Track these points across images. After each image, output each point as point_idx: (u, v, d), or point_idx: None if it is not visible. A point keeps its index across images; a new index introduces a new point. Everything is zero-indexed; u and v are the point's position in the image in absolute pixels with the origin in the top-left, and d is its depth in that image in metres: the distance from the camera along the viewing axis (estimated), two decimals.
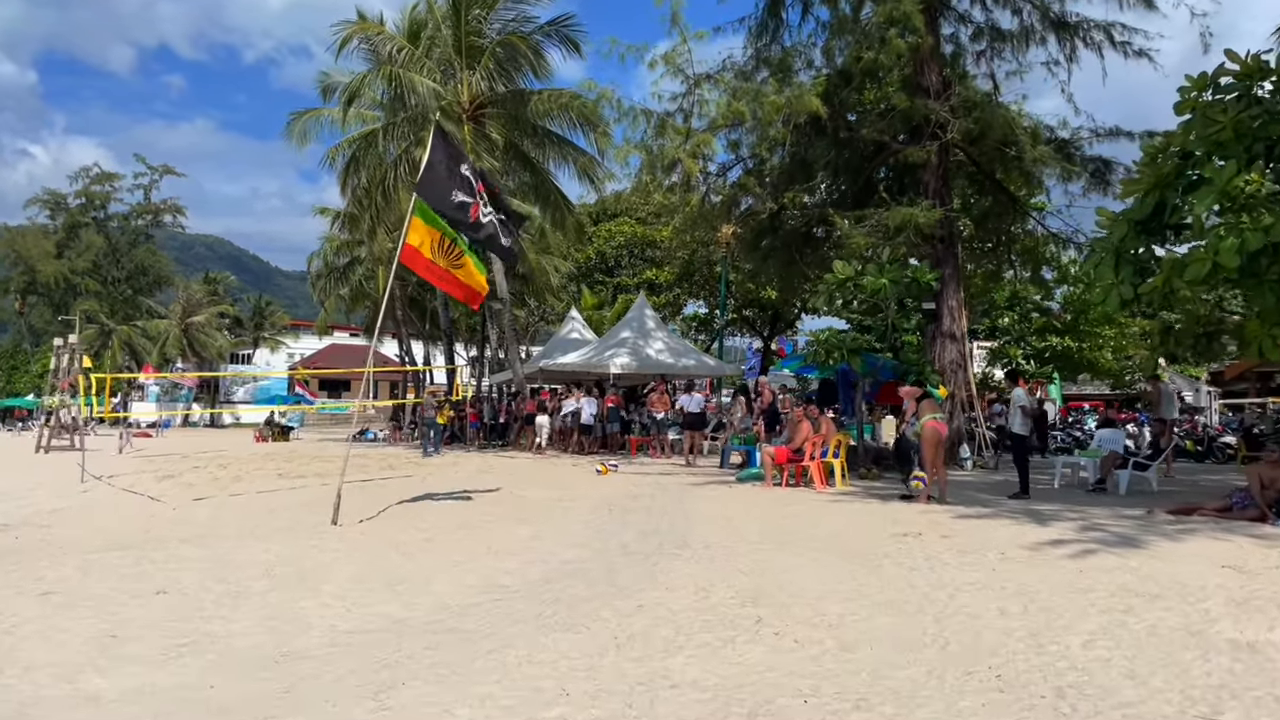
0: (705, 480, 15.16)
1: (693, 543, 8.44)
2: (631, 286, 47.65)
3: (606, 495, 12.63)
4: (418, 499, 12.57)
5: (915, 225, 18.45)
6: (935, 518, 10.24)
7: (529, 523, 9.78)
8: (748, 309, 41.63)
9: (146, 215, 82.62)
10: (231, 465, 21.94)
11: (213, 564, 7.87)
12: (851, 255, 19.57)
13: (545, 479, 15.68)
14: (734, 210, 20.22)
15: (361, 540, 8.89)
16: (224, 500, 14.05)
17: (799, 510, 10.77)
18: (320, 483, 16.23)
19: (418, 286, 41.03)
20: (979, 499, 12.49)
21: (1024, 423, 12.80)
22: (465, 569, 7.40)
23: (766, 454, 13.54)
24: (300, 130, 29.49)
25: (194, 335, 67.88)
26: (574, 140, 26.47)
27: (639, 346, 24.77)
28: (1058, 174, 21.36)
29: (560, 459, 21.47)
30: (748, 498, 12.25)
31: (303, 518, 10.95)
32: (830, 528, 9.35)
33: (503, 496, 12.70)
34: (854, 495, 12.85)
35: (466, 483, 15.10)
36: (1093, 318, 33.41)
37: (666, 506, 11.11)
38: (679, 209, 19.83)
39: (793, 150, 18.68)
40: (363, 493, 14.03)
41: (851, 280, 15.70)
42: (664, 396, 19.17)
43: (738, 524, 9.62)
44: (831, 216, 19.38)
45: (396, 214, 26.51)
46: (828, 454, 13.89)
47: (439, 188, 10.33)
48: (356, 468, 20.50)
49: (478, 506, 11.51)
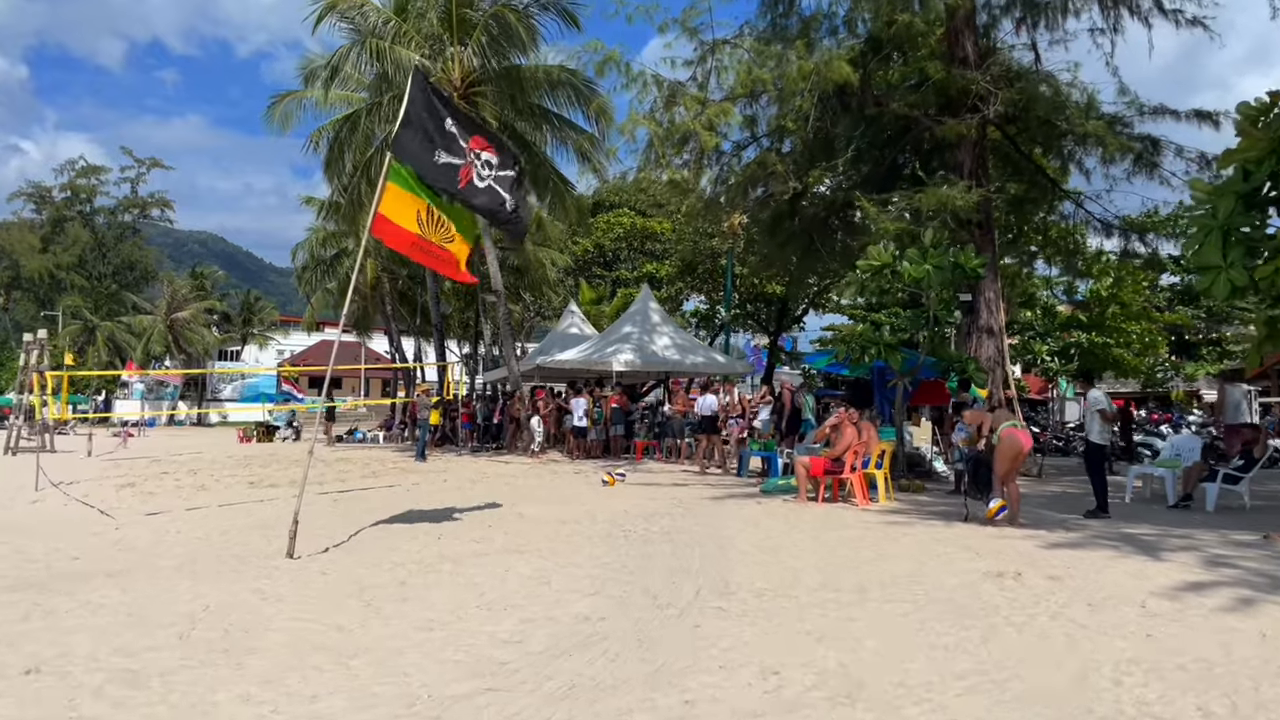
0: (726, 493, 13.39)
1: (738, 587, 6.65)
2: (631, 280, 45.80)
3: (618, 514, 10.83)
4: (398, 518, 10.76)
5: (952, 208, 16.73)
6: (1019, 546, 8.48)
7: (529, 556, 7.97)
8: (752, 304, 39.82)
9: (134, 209, 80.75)
10: (202, 471, 20.20)
11: (123, 617, 6.07)
12: (877, 242, 17.85)
13: (545, 491, 13.89)
14: (750, 193, 18.42)
15: (319, 582, 7.09)
16: (178, 516, 12.22)
17: (852, 537, 8.99)
18: (293, 493, 14.41)
19: (408, 280, 39.15)
20: (1049, 517, 10.74)
21: (1103, 430, 11.03)
22: (448, 632, 5.60)
23: (801, 465, 11.76)
24: (282, 114, 27.60)
25: (179, 331, 65.99)
26: (573, 119, 24.62)
27: (644, 342, 22.97)
28: (1099, 154, 19.65)
29: (561, 464, 19.67)
30: (784, 518, 10.46)
31: (257, 544, 9.14)
32: (902, 563, 7.57)
33: (498, 515, 10.90)
34: (904, 513, 11.08)
35: (456, 496, 13.30)
36: (1118, 313, 31.66)
37: (693, 531, 9.31)
38: (689, 191, 17.97)
39: (816, 125, 16.88)
40: (336, 508, 12.24)
41: (888, 267, 13.92)
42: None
43: (786, 558, 7.83)
44: (857, 200, 17.61)
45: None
46: (869, 464, 12.13)
47: (418, 146, 8.52)
48: (336, 474, 18.72)
49: (468, 530, 9.71)
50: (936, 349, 14.74)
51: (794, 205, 19.66)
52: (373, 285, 38.40)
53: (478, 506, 11.74)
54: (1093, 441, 11.04)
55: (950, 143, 18.48)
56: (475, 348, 45.60)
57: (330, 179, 26.87)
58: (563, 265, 43.20)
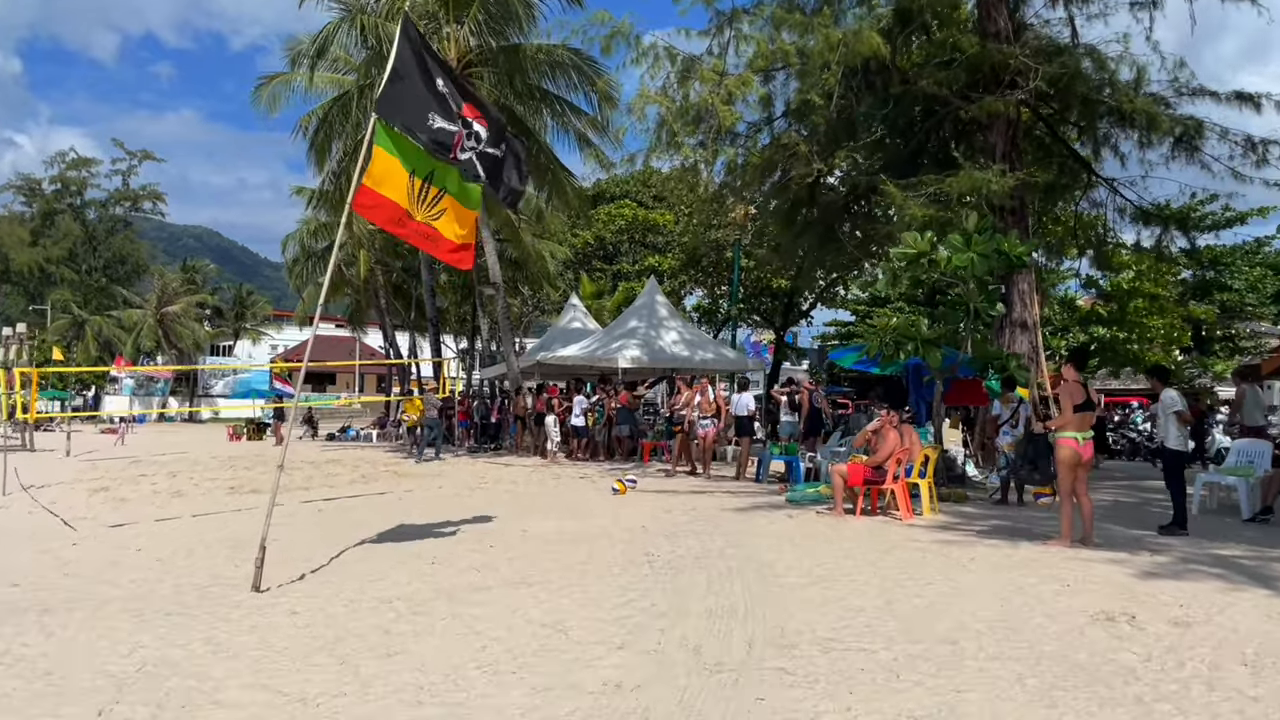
0: (750, 502, 12.15)
1: (797, 636, 5.43)
2: (633, 274, 44.56)
3: (636, 531, 9.60)
4: (387, 535, 9.53)
5: (986, 193, 15.53)
6: (1108, 574, 7.27)
7: (539, 590, 6.74)
8: (757, 298, 38.56)
9: (125, 202, 79.44)
10: (183, 473, 19.03)
11: (37, 681, 4.84)
12: (901, 230, 16.64)
13: (551, 501, 12.65)
14: (766, 178, 17.16)
15: (287, 626, 5.86)
16: (145, 528, 11.00)
17: (911, 561, 7.76)
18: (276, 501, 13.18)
19: (402, 273, 37.85)
20: (1118, 534, 9.53)
21: (1180, 434, 9.81)
22: (441, 708, 4.36)
23: (838, 474, 10.53)
24: (269, 96, 26.27)
25: (170, 326, 64.61)
26: (576, 103, 23.30)
27: (650, 337, 21.74)
28: (1136, 138, 18.44)
29: (564, 468, 18.43)
30: (825, 535, 9.23)
31: (223, 569, 7.92)
32: (984, 600, 6.35)
33: (499, 532, 9.66)
34: (956, 528, 9.86)
35: (453, 506, 12.06)
36: (1140, 307, 30.52)
37: (726, 554, 8.08)
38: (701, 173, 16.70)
39: (841, 103, 15.63)
40: (318, 522, 11.00)
41: (926, 255, 12.69)
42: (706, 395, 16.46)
43: (844, 591, 6.61)
44: (883, 184, 16.39)
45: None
46: (911, 472, 10.91)
47: (409, 106, 7.26)
48: (325, 478, 17.46)
49: (466, 552, 8.47)
50: (976, 345, 13.54)
51: (812, 191, 18.44)
52: (366, 278, 37.07)
53: (477, 519, 10.50)
54: (1170, 448, 9.82)
55: (982, 124, 17.31)
56: (472, 343, 44.29)
57: (318, 165, 25.56)
58: (562, 258, 41.93)
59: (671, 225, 44.15)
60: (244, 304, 76.33)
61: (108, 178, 76.53)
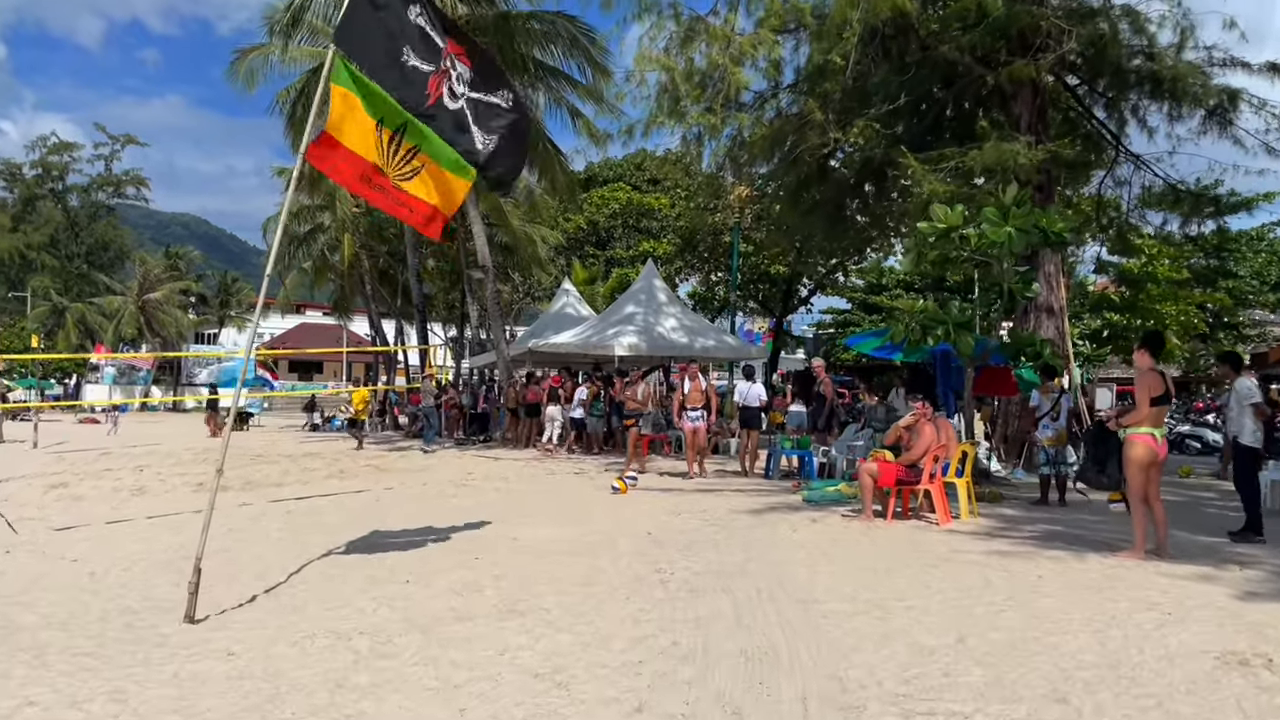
0: (764, 503, 11.00)
1: (862, 693, 4.27)
2: (626, 260, 43.35)
3: (642, 540, 8.43)
4: (357, 545, 8.34)
5: (1014, 166, 14.41)
6: (1208, 595, 6.15)
7: (532, 621, 5.56)
8: (755, 284, 37.40)
9: (108, 187, 77.71)
10: (151, 468, 17.82)
11: None
12: (919, 208, 15.49)
13: (545, 501, 11.46)
14: (775, 151, 15.95)
15: (218, 675, 4.67)
16: (91, 533, 9.81)
17: (970, 579, 6.61)
18: (239, 503, 12.00)
19: (389, 258, 36.54)
20: (1193, 543, 8.40)
21: (1255, 429, 8.68)
22: None
23: (867, 474, 9.37)
24: (246, 71, 24.92)
25: (152, 313, 63.11)
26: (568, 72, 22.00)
27: (649, 324, 20.54)
28: (1166, 110, 17.31)
29: (559, 462, 17.26)
30: (858, 545, 8.07)
31: (161, 590, 6.74)
32: (1075, 633, 5.22)
33: (487, 541, 8.48)
34: (1004, 535, 8.72)
35: (436, 507, 10.89)
36: (1154, 292, 29.44)
37: (749, 570, 6.92)
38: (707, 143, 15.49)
39: (858, 68, 14.44)
40: (285, 526, 9.80)
41: (957, 230, 11.52)
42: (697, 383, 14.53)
43: (904, 623, 5.45)
44: (902, 158, 15.24)
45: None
46: (948, 470, 9.78)
47: (375, 39, 6.04)
48: (300, 472, 16.24)
49: (447, 567, 7.29)
50: (1009, 331, 12.44)
51: (822, 168, 17.25)
52: (350, 264, 35.74)
53: (461, 526, 9.31)
54: (1243, 444, 8.68)
55: (1006, 94, 16.16)
56: (462, 330, 43.00)
57: (297, 144, 24.22)
58: (554, 243, 40.64)
59: (666, 209, 42.95)
60: (229, 291, 74.90)
61: (90, 163, 74.78)
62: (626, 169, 47.99)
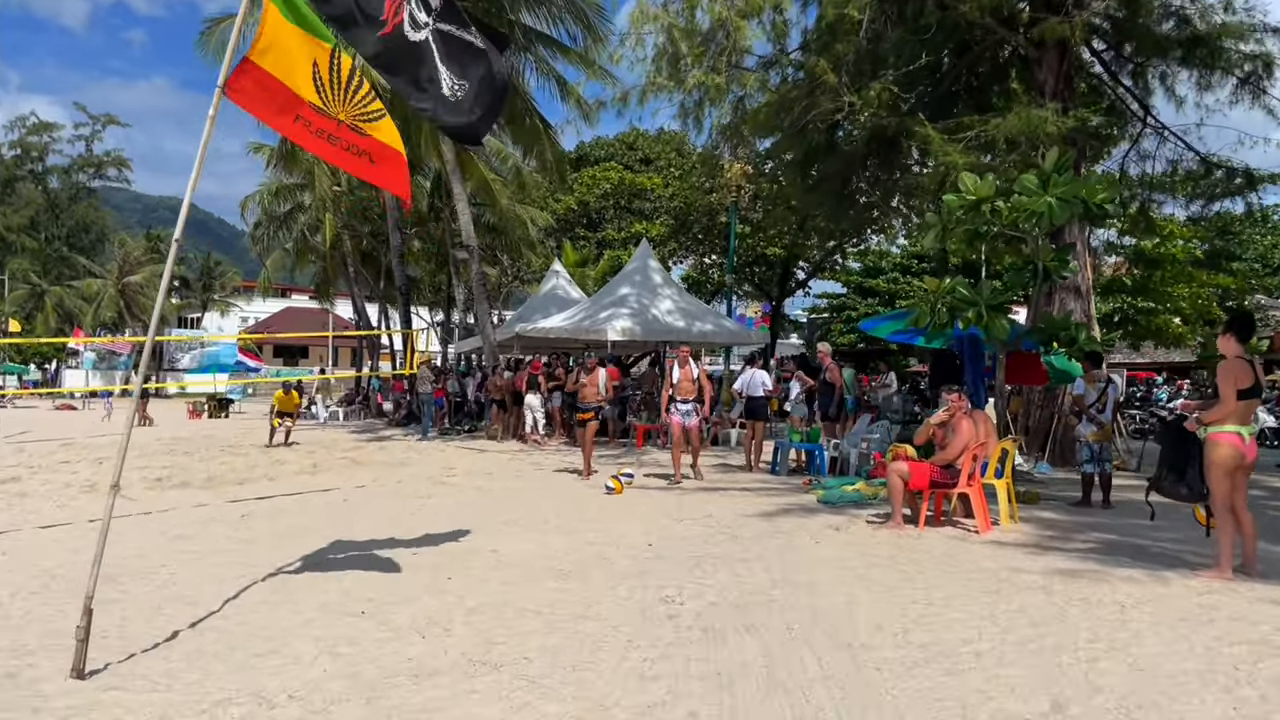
0: (776, 505, 9.86)
1: None
2: (618, 241, 42.09)
3: (641, 552, 7.29)
4: (309, 562, 7.18)
5: (1043, 134, 13.29)
6: None
7: (509, 676, 4.42)
8: (751, 267, 36.24)
9: (89, 168, 75.97)
10: (110, 460, 16.63)
11: None
12: (934, 181, 14.38)
13: (532, 502, 10.30)
14: (784, 118, 14.74)
15: None
16: (18, 541, 8.70)
17: (1040, 610, 5.48)
18: (195, 503, 10.84)
19: (371, 238, 35.19)
20: (1273, 555, 7.29)
21: None
22: None
23: (896, 474, 8.23)
24: (216, 42, 23.56)
25: (132, 297, 61.67)
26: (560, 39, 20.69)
27: (643, 306, 19.36)
28: (1195, 78, 16.21)
29: (547, 454, 16.11)
30: (900, 565, 6.92)
31: (58, 624, 5.56)
32: (1199, 696, 4.10)
33: (462, 555, 7.33)
34: (1057, 548, 7.60)
35: (409, 510, 9.73)
36: (1168, 274, 28.34)
37: (776, 600, 5.77)
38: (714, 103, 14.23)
39: (873, 27, 13.25)
40: (234, 534, 8.64)
41: (988, 202, 10.37)
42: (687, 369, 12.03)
43: (980, 681, 4.32)
44: (919, 127, 14.09)
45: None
46: (986, 470, 8.66)
47: None
48: (269, 466, 15.03)
49: (412, 594, 6.15)
50: (1041, 314, 11.33)
51: (830, 138, 16.07)
52: (331, 245, 34.35)
53: (436, 534, 8.16)
54: None
55: (1030, 58, 15.01)
56: (449, 315, 41.72)
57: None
58: (544, 224, 39.32)
59: (660, 190, 41.68)
60: (211, 274, 73.38)
61: (70, 143, 73.08)
62: (618, 148, 46.66)
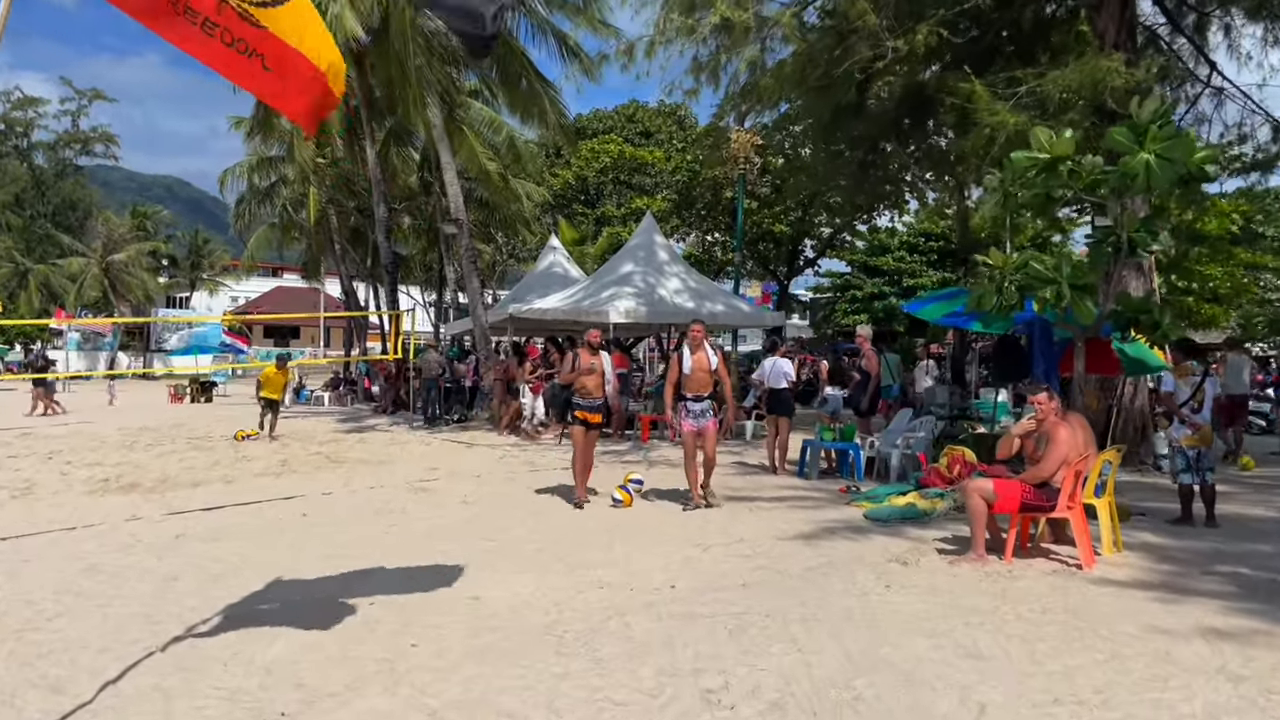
0: (817, 523, 8.23)
1: None
2: (617, 218, 40.26)
3: (664, 601, 5.66)
4: (235, 614, 5.55)
5: (1110, 89, 11.67)
6: None
7: None
8: (757, 245, 34.49)
9: (75, 144, 73.91)
10: (65, 453, 15.23)
11: None
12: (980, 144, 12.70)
13: (523, 520, 8.63)
14: (812, 72, 13.00)
15: None
16: None
17: (1204, 689, 3.88)
18: (130, 514, 9.16)
19: (357, 214, 33.32)
20: None
21: None
22: None
23: (977, 494, 6.58)
24: None
25: (117, 275, 59.84)
26: None
27: (649, 285, 17.66)
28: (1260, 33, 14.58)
29: (544, 450, 14.47)
30: (1003, 617, 5.28)
31: None
32: None
33: (432, 606, 5.70)
34: (1184, 589, 5.98)
35: (375, 531, 8.05)
36: (1203, 253, 26.64)
37: (859, 693, 4.14)
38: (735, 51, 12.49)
39: None
40: (157, 566, 6.97)
41: (1067, 161, 8.68)
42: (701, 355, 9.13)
43: None
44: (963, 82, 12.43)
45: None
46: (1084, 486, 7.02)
47: None
48: (229, 466, 13.25)
49: (357, 682, 4.53)
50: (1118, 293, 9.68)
51: (860, 97, 14.36)
52: (317, 221, 32.52)
53: (400, 573, 6.53)
54: None
55: (1089, 3, 13.32)
56: (441, 295, 39.90)
57: None
58: (540, 200, 37.47)
59: (661, 164, 39.84)
60: (200, 253, 71.45)
61: (56, 118, 71.05)
62: (617, 120, 44.77)
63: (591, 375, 9.26)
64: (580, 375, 9.30)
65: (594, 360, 9.35)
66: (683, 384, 9.06)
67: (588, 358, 9.34)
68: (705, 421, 9.03)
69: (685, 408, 9.06)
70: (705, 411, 9.05)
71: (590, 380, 9.28)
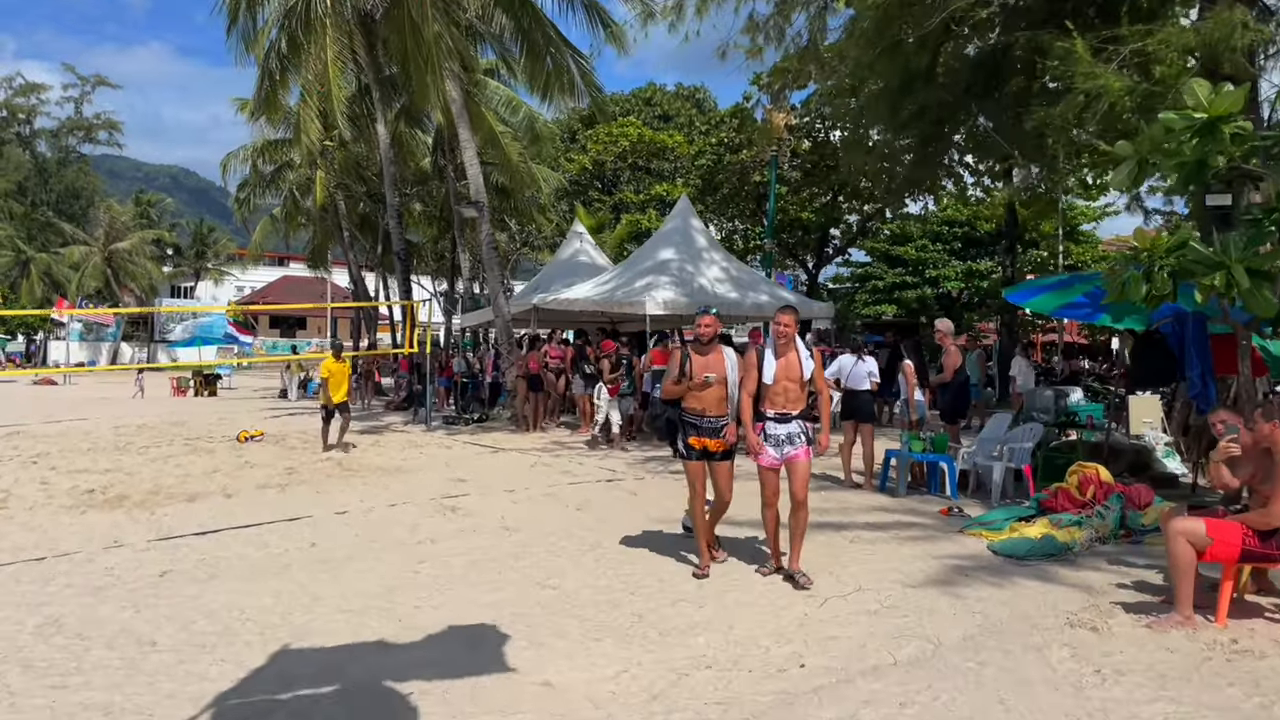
0: (935, 558, 6.75)
1: None
2: (635, 204, 38.74)
3: (799, 697, 4.19)
4: (234, 697, 4.09)
5: (1227, 51, 10.18)
6: None
7: None
8: (783, 233, 32.96)
9: (78, 131, 72.62)
10: (52, 456, 13.99)
11: None
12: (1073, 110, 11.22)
13: (580, 560, 7.13)
14: (885, 32, 11.49)
15: None
16: None
17: None
18: (111, 540, 7.72)
19: (367, 199, 31.87)
20: None
21: None
22: None
23: (1181, 538, 5.07)
24: None
25: (119, 264, 58.56)
26: None
27: (687, 274, 16.16)
28: None
29: (580, 457, 12.96)
30: None
31: None
32: None
33: (498, 701, 4.23)
34: None
35: (407, 571, 6.55)
36: None
37: None
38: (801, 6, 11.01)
39: None
40: (131, 621, 5.46)
41: (1233, 121, 7.16)
42: (791, 357, 6.34)
43: None
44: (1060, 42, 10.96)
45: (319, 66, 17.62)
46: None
47: None
48: (229, 474, 11.68)
49: None
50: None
51: (934, 58, 12.85)
52: (323, 207, 31.05)
53: (436, 640, 5.06)
54: None
55: None
56: (453, 284, 38.44)
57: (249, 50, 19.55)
58: (555, 185, 35.92)
59: (683, 147, 38.27)
60: (204, 241, 70.08)
61: (59, 104, 69.77)
62: (635, 104, 43.22)
63: (709, 389, 6.40)
64: (694, 389, 6.43)
65: (709, 360, 6.48)
66: (762, 397, 6.32)
67: (701, 361, 6.47)
68: (794, 450, 6.24)
69: (767, 430, 6.30)
70: (794, 437, 6.24)
71: (709, 395, 6.42)
